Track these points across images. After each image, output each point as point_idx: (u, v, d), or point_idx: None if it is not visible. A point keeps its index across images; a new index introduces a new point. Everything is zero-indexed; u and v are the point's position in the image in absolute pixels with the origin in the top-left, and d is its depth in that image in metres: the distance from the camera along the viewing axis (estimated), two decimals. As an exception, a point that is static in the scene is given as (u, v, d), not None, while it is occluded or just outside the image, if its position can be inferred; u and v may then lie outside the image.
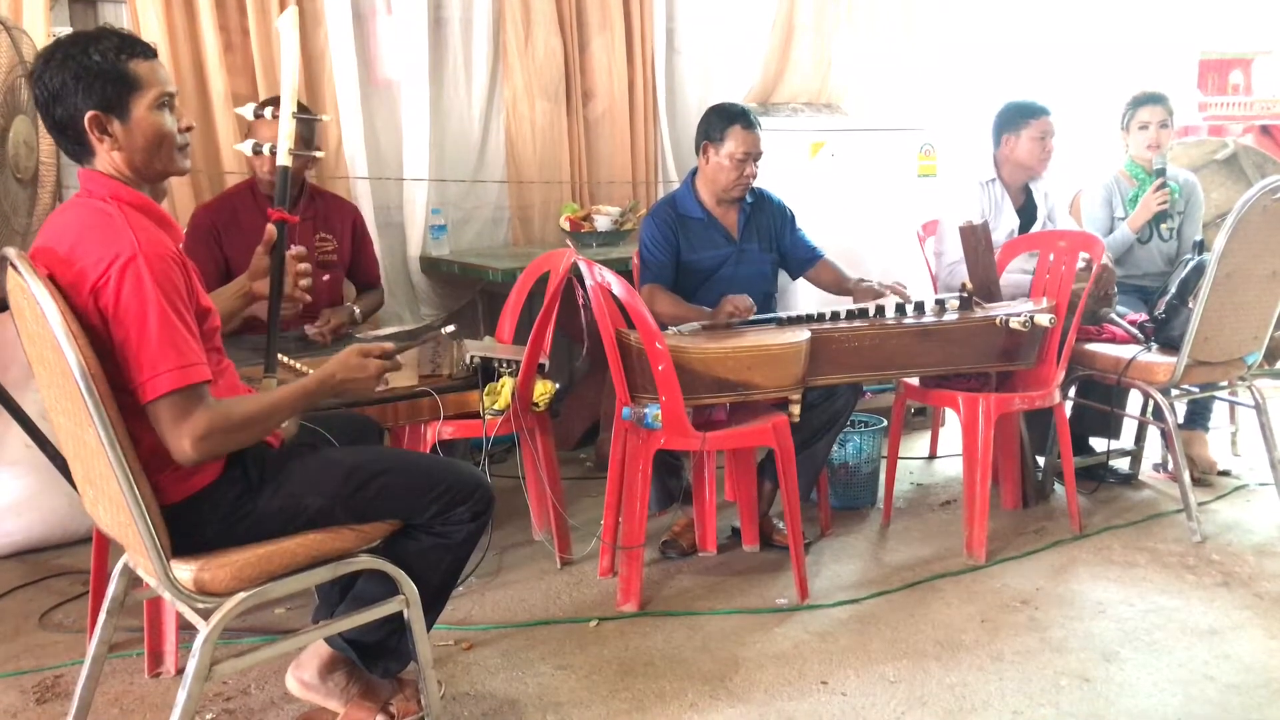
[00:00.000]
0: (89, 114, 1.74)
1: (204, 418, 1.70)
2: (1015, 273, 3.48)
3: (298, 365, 2.55)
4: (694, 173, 3.22)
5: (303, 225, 3.03)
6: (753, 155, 3.09)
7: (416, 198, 3.95)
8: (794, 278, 3.39)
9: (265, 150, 2.24)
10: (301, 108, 2.43)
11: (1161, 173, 3.67)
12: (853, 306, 2.95)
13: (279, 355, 2.35)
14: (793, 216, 3.31)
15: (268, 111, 2.32)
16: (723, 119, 3.08)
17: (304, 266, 2.22)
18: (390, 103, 3.95)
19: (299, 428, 2.08)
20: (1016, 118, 3.59)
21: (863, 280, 3.17)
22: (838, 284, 3.24)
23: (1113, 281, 3.40)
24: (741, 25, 4.63)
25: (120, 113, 1.75)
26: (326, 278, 3.14)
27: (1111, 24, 5.41)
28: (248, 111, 2.35)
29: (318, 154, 3.05)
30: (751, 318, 2.92)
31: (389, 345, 2.03)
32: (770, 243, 3.25)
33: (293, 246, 2.23)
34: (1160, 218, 3.69)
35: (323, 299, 3.08)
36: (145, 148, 1.78)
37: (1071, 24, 5.35)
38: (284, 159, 2.16)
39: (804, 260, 3.29)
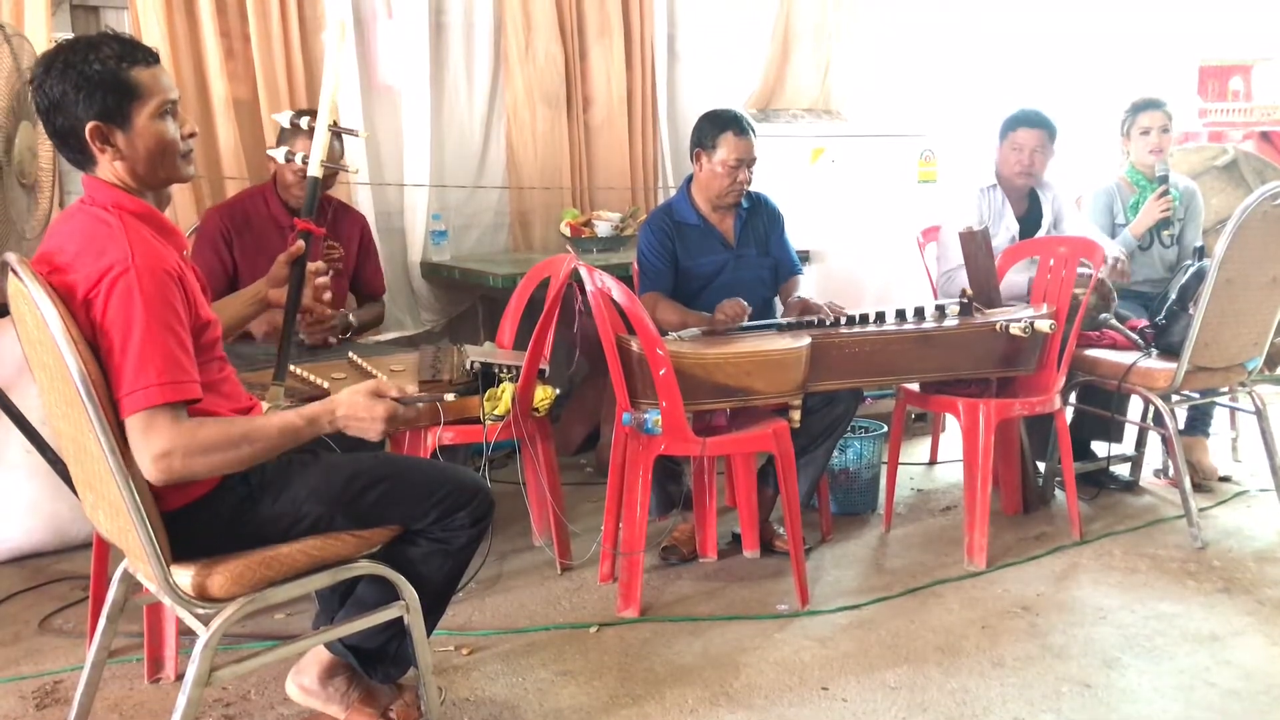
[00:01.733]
0: (90, 125, 1.72)
1: (165, 436, 1.65)
2: (1016, 273, 3.48)
3: (298, 371, 2.55)
4: (689, 179, 3.21)
5: None
6: (746, 161, 3.07)
7: (417, 203, 3.96)
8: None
9: (298, 159, 2.26)
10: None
11: (1164, 180, 3.68)
12: (852, 312, 2.95)
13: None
14: (782, 223, 3.30)
15: (304, 122, 2.33)
16: (715, 126, 3.07)
17: (323, 281, 2.22)
18: (391, 108, 3.95)
19: None
20: (1004, 126, 3.63)
21: (797, 297, 3.14)
22: (785, 297, 3.22)
23: (1112, 289, 3.40)
24: (741, 31, 4.64)
25: (122, 122, 1.74)
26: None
27: (1112, 31, 5.42)
28: (284, 119, 2.35)
29: (349, 168, 3.07)
30: (753, 323, 2.92)
31: (408, 389, 1.88)
32: (766, 247, 3.25)
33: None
34: (1161, 224, 3.69)
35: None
36: (148, 157, 1.78)
37: (1072, 30, 5.36)
38: (315, 170, 2.17)
39: (784, 272, 3.27)
